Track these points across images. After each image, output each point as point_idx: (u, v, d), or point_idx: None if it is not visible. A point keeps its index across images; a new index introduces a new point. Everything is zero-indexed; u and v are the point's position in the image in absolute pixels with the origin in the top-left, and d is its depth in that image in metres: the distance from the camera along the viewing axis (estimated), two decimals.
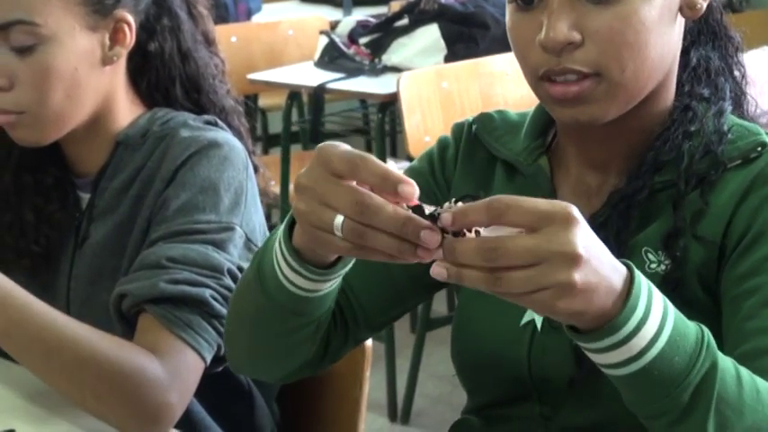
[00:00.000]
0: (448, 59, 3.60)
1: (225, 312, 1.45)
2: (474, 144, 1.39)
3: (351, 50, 3.80)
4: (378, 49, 3.77)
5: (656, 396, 1.02)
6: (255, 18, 4.91)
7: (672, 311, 1.03)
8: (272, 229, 1.23)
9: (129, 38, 1.56)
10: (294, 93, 3.97)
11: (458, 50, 3.61)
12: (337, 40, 3.83)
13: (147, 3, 1.59)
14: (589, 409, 1.25)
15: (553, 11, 1.19)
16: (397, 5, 4.35)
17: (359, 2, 5.20)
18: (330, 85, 3.63)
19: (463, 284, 0.97)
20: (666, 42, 1.23)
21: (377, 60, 3.73)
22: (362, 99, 4.77)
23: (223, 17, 4.66)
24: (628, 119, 1.25)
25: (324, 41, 3.87)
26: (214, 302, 1.45)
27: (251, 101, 4.69)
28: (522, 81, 1.27)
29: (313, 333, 1.25)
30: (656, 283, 1.15)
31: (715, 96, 1.29)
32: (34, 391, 1.48)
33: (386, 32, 3.80)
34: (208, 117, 1.62)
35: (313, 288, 1.16)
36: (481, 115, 1.41)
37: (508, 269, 0.94)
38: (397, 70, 3.59)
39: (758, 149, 1.23)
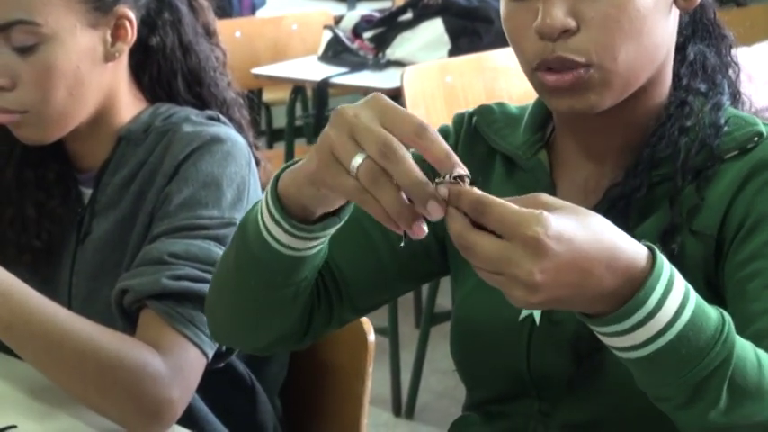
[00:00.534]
0: (452, 54, 3.60)
1: None
2: (474, 136, 1.39)
3: (355, 45, 3.80)
4: (382, 43, 3.77)
5: (674, 375, 1.01)
6: (259, 13, 4.91)
7: (692, 292, 1.02)
8: None
9: (131, 34, 1.56)
10: (298, 87, 3.97)
11: (462, 45, 3.61)
12: (341, 34, 3.83)
13: None
14: (588, 405, 1.25)
15: None
16: (401, 0, 4.35)
17: None
18: (334, 80, 3.63)
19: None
20: (661, 32, 1.23)
21: (380, 55, 3.74)
22: (366, 93, 4.76)
23: (227, 12, 4.66)
24: (623, 111, 1.25)
25: (328, 36, 3.87)
26: None
27: (255, 95, 4.69)
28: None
29: (292, 298, 1.25)
30: None
31: (712, 91, 1.29)
32: (36, 387, 1.48)
33: (390, 27, 3.80)
34: (210, 112, 1.62)
35: (292, 245, 1.16)
36: (481, 108, 1.41)
37: (478, 268, 0.97)
38: (400, 65, 3.58)
39: (755, 139, 1.23)
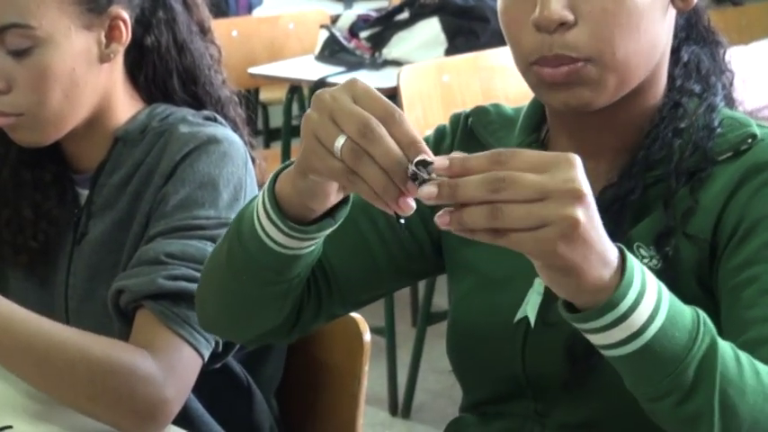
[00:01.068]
0: (448, 53, 3.60)
1: None
2: (470, 138, 1.39)
3: (351, 44, 3.80)
4: (378, 42, 3.77)
5: (660, 374, 1.02)
6: (256, 12, 4.91)
7: (665, 289, 1.03)
8: None
9: (126, 34, 1.55)
10: (295, 87, 3.97)
11: (458, 44, 3.61)
12: (338, 33, 3.83)
13: None
14: (584, 406, 1.25)
15: None
16: None
17: None
18: (331, 80, 3.62)
19: (464, 230, 0.96)
20: (658, 31, 1.24)
21: (377, 54, 3.73)
22: None
23: (224, 11, 4.67)
24: (618, 111, 1.25)
25: (324, 35, 3.87)
26: None
27: (252, 95, 4.69)
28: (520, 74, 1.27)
29: (283, 294, 1.26)
30: None
31: (707, 92, 1.29)
32: (32, 389, 1.48)
33: (386, 26, 3.80)
34: (207, 113, 1.62)
35: (286, 244, 1.17)
36: (477, 108, 1.41)
37: (509, 202, 0.94)
38: (397, 64, 3.59)
39: (748, 141, 1.23)
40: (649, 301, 1.01)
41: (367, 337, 1.61)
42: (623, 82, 1.23)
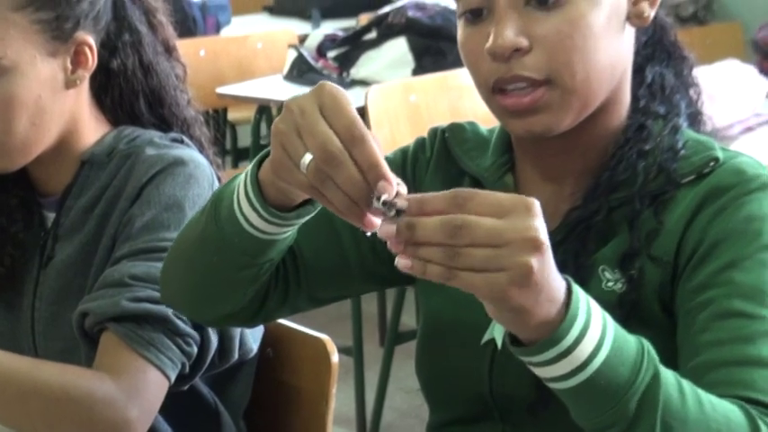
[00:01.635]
0: (416, 73, 3.62)
1: (189, 330, 1.45)
2: (446, 155, 1.40)
3: (319, 64, 3.81)
4: (346, 62, 3.78)
5: (603, 407, 1.03)
6: (224, 31, 4.91)
7: (611, 321, 1.04)
8: None
9: (91, 60, 1.55)
10: (263, 106, 3.97)
11: (426, 64, 3.63)
12: (306, 53, 3.84)
13: (106, 20, 1.58)
14: (550, 428, 1.25)
15: (499, 19, 1.20)
16: (365, 19, 4.36)
17: (327, 15, 5.20)
18: None
19: (420, 272, 0.97)
20: (616, 50, 1.24)
21: (345, 74, 3.74)
22: None
23: (191, 30, 4.66)
24: (581, 134, 1.26)
25: (293, 55, 3.87)
26: (177, 320, 1.45)
27: (220, 114, 4.68)
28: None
29: (252, 278, 1.26)
30: (612, 302, 1.16)
31: (671, 113, 1.30)
32: None
33: (354, 46, 3.81)
34: (174, 135, 1.61)
35: (264, 229, 1.18)
36: (453, 125, 1.41)
37: (465, 246, 0.95)
38: (365, 84, 3.60)
39: (711, 164, 1.24)
40: (593, 336, 1.02)
41: (335, 359, 1.62)
42: (585, 104, 1.23)
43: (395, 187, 0.99)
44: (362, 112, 3.28)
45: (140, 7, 1.63)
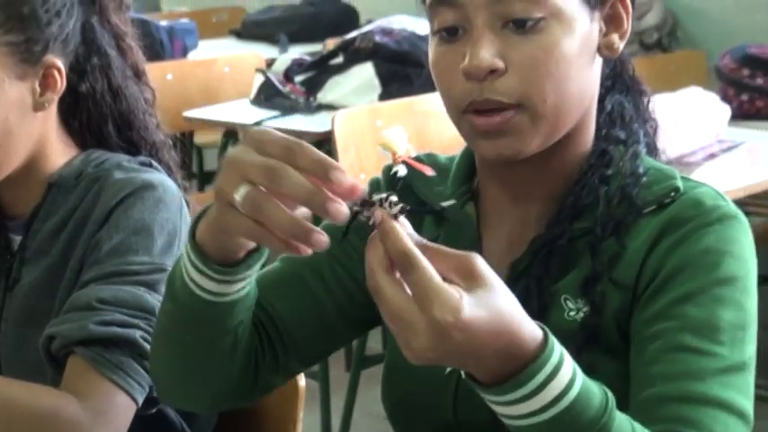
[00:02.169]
0: (382, 98, 3.63)
1: None
2: (404, 188, 1.39)
3: (286, 88, 3.82)
4: (313, 87, 3.79)
5: None
6: (191, 55, 4.91)
7: (577, 367, 1.04)
8: None
9: (60, 83, 1.55)
10: (230, 130, 3.97)
11: (392, 89, 3.64)
12: (273, 77, 3.85)
13: (75, 44, 1.58)
14: None
15: (477, 40, 1.21)
16: (332, 43, 4.37)
17: (295, 39, 5.22)
18: (266, 123, 3.63)
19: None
20: (585, 79, 1.26)
21: (312, 98, 3.75)
22: (298, 137, 4.75)
23: (159, 54, 4.65)
24: (548, 159, 1.27)
25: (260, 79, 3.88)
26: (144, 343, 1.44)
27: (187, 138, 4.67)
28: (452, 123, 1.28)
29: (231, 347, 1.23)
30: (574, 331, 1.17)
31: (631, 139, 1.31)
32: None
33: (321, 70, 3.82)
34: (142, 158, 1.61)
35: (218, 291, 1.15)
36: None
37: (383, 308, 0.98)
38: (332, 108, 3.60)
39: (672, 195, 1.25)
40: (565, 374, 1.01)
41: (302, 383, 1.61)
42: (554, 129, 1.24)
43: (345, 173, 0.97)
44: (329, 136, 3.29)
45: (110, 31, 1.63)
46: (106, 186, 1.54)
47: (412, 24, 3.88)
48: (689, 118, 2.94)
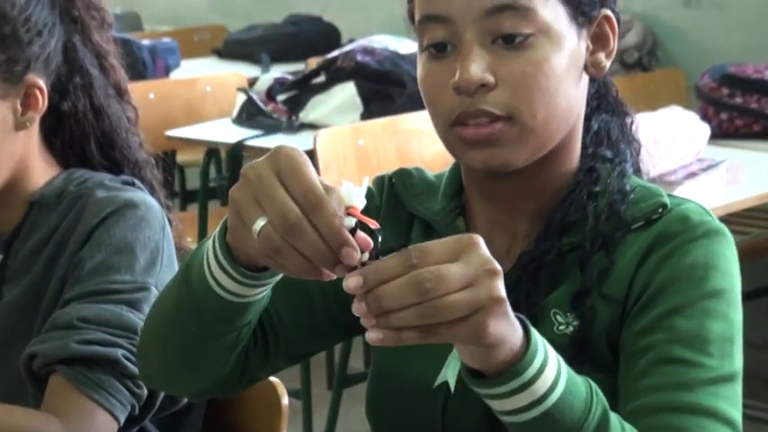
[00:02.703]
0: (364, 117, 3.63)
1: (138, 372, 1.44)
2: (394, 200, 1.40)
3: (268, 107, 3.82)
4: (295, 106, 3.79)
5: None
6: (173, 74, 4.91)
7: (561, 359, 1.07)
8: None
9: (42, 102, 1.55)
10: (212, 149, 3.97)
11: (374, 108, 3.65)
12: (255, 97, 3.84)
13: (57, 63, 1.58)
14: None
15: (466, 55, 1.22)
16: (314, 63, 4.38)
17: (277, 59, 5.21)
18: (248, 143, 3.63)
19: (394, 341, 0.98)
20: (573, 95, 1.27)
21: (294, 117, 3.75)
22: None
23: (141, 73, 4.65)
24: (535, 175, 1.28)
25: (242, 98, 3.88)
26: (127, 362, 1.44)
27: (169, 157, 4.67)
28: (439, 138, 1.29)
29: (232, 344, 1.23)
30: (564, 345, 1.18)
31: (617, 158, 1.33)
32: None
33: (303, 90, 3.82)
34: (125, 177, 1.61)
35: (238, 292, 1.14)
36: (400, 171, 1.42)
37: (441, 297, 0.96)
38: (314, 127, 3.61)
39: (659, 211, 1.27)
40: (552, 368, 1.05)
41: (285, 401, 1.61)
42: (542, 143, 1.26)
43: (359, 252, 0.99)
44: (311, 155, 3.29)
45: (92, 50, 1.63)
46: (88, 205, 1.54)
47: (394, 44, 3.88)
48: (669, 137, 2.96)
